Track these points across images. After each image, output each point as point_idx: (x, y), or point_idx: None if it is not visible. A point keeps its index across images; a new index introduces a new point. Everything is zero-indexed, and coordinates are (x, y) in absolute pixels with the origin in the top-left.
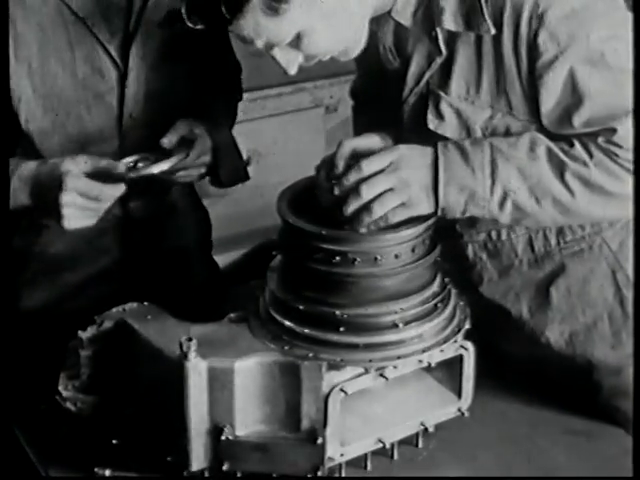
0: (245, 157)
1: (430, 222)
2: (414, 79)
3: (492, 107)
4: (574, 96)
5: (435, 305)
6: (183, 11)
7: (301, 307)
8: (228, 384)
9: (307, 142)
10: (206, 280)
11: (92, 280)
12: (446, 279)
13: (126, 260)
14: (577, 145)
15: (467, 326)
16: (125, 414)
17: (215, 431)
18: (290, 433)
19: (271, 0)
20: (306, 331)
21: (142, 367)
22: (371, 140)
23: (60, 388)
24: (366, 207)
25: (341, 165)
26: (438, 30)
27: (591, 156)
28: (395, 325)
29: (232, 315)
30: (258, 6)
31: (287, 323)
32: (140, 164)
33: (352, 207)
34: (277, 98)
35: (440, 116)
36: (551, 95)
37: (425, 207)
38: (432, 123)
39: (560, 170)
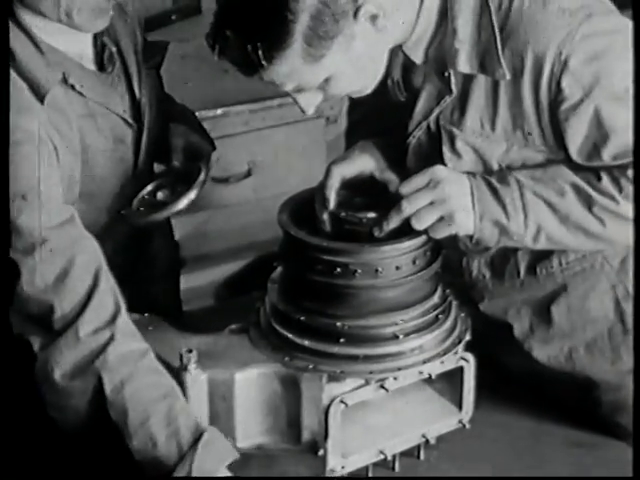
0: (246, 168)
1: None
2: (422, 114)
3: (507, 140)
4: (601, 132)
5: (436, 317)
6: (214, 53)
7: (301, 318)
8: (228, 396)
9: (308, 153)
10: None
11: None
12: (447, 291)
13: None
14: (605, 178)
15: (467, 338)
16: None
17: None
18: (291, 445)
19: (312, 48)
20: (306, 342)
21: None
22: (361, 163)
23: None
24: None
25: (332, 197)
26: (451, 71)
27: (620, 190)
28: (395, 336)
29: (232, 326)
30: (298, 54)
31: (287, 334)
32: (160, 194)
33: (393, 224)
34: (277, 109)
35: (457, 154)
36: (578, 134)
37: (466, 226)
38: (450, 161)
39: (588, 204)
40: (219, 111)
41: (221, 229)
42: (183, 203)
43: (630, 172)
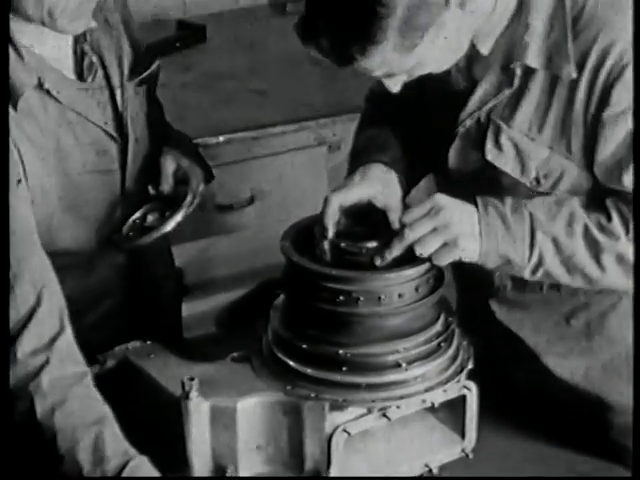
0: (249, 195)
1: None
2: (477, 104)
3: (551, 148)
4: (630, 152)
5: (438, 344)
6: (302, 42)
7: (304, 346)
8: (230, 424)
9: (310, 180)
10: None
11: (95, 323)
12: (449, 318)
13: (128, 302)
14: (615, 219)
15: (470, 366)
16: None
17: (218, 471)
18: (294, 474)
19: (406, 40)
20: (309, 371)
21: (144, 406)
22: (360, 191)
23: None
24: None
25: (331, 227)
26: (516, 64)
27: (627, 231)
28: (398, 365)
29: (235, 354)
30: (391, 46)
31: (289, 362)
32: (150, 217)
33: (395, 252)
34: (280, 136)
35: (499, 147)
36: (609, 145)
37: (471, 251)
38: (490, 153)
39: (595, 250)
40: (221, 138)
41: (224, 256)
42: (170, 226)
43: None
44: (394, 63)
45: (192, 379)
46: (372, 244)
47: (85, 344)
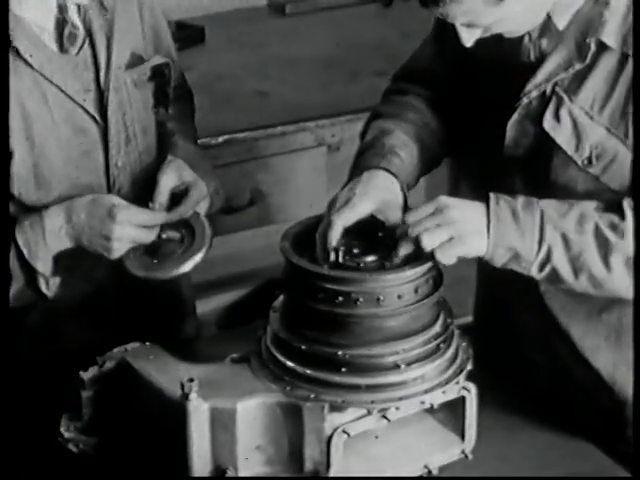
0: (249, 196)
1: (432, 262)
2: (545, 76)
3: (608, 130)
4: None
5: (437, 346)
6: None
7: (303, 347)
8: (230, 425)
9: (310, 181)
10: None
11: (93, 326)
12: (448, 319)
13: (126, 304)
14: (629, 218)
15: (469, 367)
16: (127, 455)
17: (218, 473)
18: (293, 475)
19: None
20: (308, 372)
21: (144, 408)
22: (361, 209)
23: (62, 429)
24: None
25: (333, 250)
26: (592, 40)
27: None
28: (397, 366)
29: (234, 355)
30: None
31: (289, 363)
32: (164, 236)
33: (403, 250)
34: (280, 137)
35: (557, 119)
36: None
37: (477, 248)
38: (548, 123)
39: (605, 249)
40: (221, 139)
41: (223, 256)
42: (188, 266)
43: None
44: (479, 13)
45: (191, 380)
46: (371, 258)
47: (84, 346)
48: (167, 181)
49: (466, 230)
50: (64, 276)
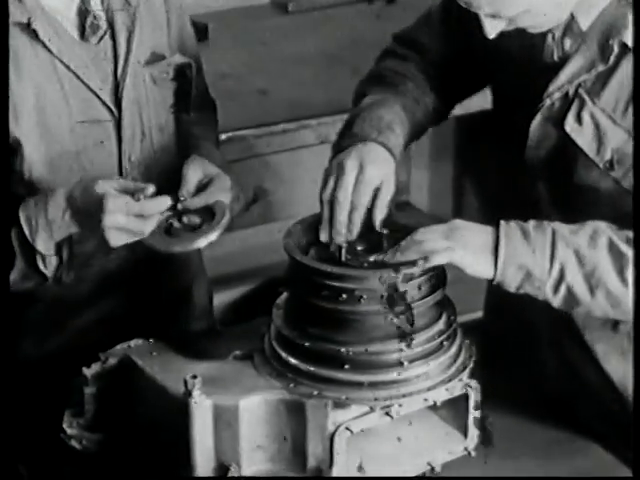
0: (252, 193)
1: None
2: (568, 77)
3: (630, 134)
4: None
5: (440, 343)
6: None
7: (306, 344)
8: (233, 422)
9: (312, 179)
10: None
11: (97, 321)
12: (451, 317)
13: (131, 301)
14: None
15: (472, 364)
16: (130, 452)
17: (221, 470)
18: (296, 472)
19: None
20: (311, 369)
21: (147, 404)
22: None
23: (65, 426)
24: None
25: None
26: (615, 41)
27: None
28: (400, 363)
29: (237, 352)
30: None
31: (292, 360)
32: (175, 224)
33: (404, 250)
34: (282, 135)
35: (579, 122)
36: None
37: (485, 267)
38: (570, 125)
39: (620, 263)
40: (224, 136)
41: (227, 254)
42: (202, 242)
43: None
44: (504, 4)
45: (195, 377)
46: (373, 258)
47: (87, 342)
48: (193, 173)
49: (475, 250)
50: (69, 265)
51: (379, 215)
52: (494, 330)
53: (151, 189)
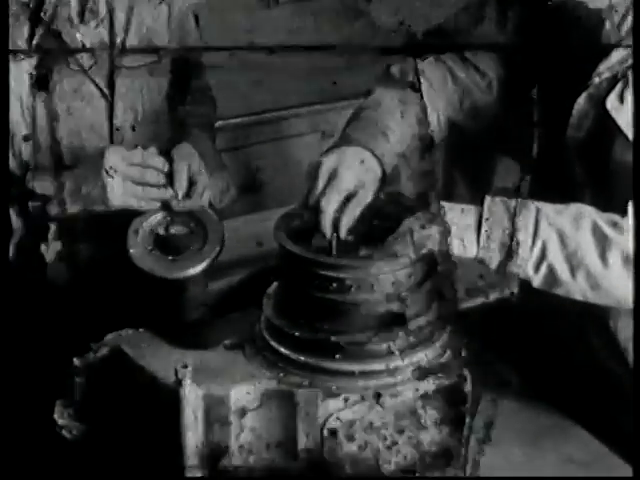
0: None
1: (425, 250)
2: (618, 58)
3: None
4: None
5: (432, 332)
6: None
7: (297, 334)
8: (224, 412)
9: (304, 167)
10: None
11: (88, 311)
12: (443, 306)
13: (123, 290)
14: (630, 214)
15: (463, 354)
16: (121, 441)
17: (212, 459)
18: (287, 461)
19: None
20: (301, 358)
21: (138, 394)
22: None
23: (56, 416)
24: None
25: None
26: None
27: None
28: (391, 352)
29: (227, 342)
30: None
31: (282, 350)
32: (171, 229)
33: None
34: (274, 124)
35: (621, 100)
36: None
37: (470, 244)
38: (611, 103)
39: (603, 245)
40: (217, 124)
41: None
42: (200, 267)
43: None
44: None
45: (185, 366)
46: (362, 253)
47: (77, 332)
48: (182, 169)
49: (460, 230)
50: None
51: (344, 223)
52: (518, 313)
53: (152, 148)
